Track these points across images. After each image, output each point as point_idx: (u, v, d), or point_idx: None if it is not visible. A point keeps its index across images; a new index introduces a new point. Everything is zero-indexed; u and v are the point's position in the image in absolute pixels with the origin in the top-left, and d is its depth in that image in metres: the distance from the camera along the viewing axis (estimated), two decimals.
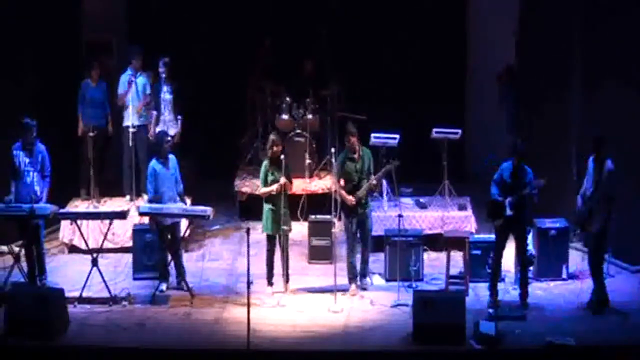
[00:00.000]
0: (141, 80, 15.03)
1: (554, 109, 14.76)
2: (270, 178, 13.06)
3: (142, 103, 15.01)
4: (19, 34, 14.72)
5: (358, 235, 13.26)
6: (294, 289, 13.22)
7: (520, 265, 12.85)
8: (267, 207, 13.12)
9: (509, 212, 12.56)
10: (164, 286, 13.25)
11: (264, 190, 13.16)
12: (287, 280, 13.20)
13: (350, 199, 12.99)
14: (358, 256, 13.35)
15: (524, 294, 12.77)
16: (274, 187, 12.97)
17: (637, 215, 13.61)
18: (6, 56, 14.53)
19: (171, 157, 13.33)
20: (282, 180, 12.93)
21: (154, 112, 15.05)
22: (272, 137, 13.18)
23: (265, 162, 13.19)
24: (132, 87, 14.95)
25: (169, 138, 14.72)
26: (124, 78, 15.02)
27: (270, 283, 13.21)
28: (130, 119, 14.96)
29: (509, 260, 13.21)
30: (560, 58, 14.63)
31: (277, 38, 16.71)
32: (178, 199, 13.32)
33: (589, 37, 14.18)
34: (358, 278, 13.32)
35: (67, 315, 12.27)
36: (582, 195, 12.64)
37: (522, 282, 12.80)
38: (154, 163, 13.18)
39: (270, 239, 13.16)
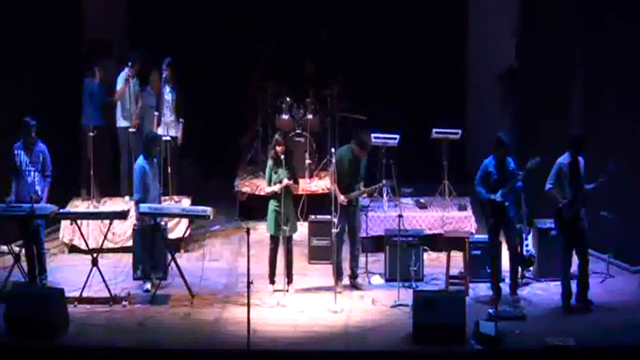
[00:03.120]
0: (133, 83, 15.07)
1: (554, 109, 14.75)
2: (274, 177, 13.06)
3: (137, 107, 15.04)
4: (20, 34, 14.73)
5: (347, 235, 13.28)
6: (296, 289, 13.24)
7: (511, 258, 12.86)
8: (271, 207, 13.12)
9: (499, 198, 12.57)
10: (148, 285, 13.24)
11: (267, 190, 13.17)
12: (289, 282, 13.20)
13: (343, 198, 13.02)
14: (346, 256, 13.39)
15: (513, 285, 12.81)
16: (276, 187, 12.98)
17: (637, 216, 13.62)
18: (7, 56, 14.54)
19: None
20: (285, 181, 12.94)
21: (155, 113, 15.04)
22: (275, 136, 13.23)
23: (269, 162, 13.21)
24: (128, 88, 14.94)
25: (169, 138, 14.83)
26: (122, 75, 15.02)
27: (272, 281, 13.22)
28: (129, 121, 14.99)
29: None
30: (561, 58, 14.63)
31: (278, 39, 16.72)
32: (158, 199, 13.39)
33: (590, 36, 14.18)
34: (345, 277, 13.36)
35: (67, 315, 12.27)
36: (570, 202, 12.56)
37: (512, 274, 12.84)
38: (142, 162, 13.10)
39: (274, 239, 13.17)
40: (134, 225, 13.83)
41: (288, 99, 16.29)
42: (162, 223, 13.57)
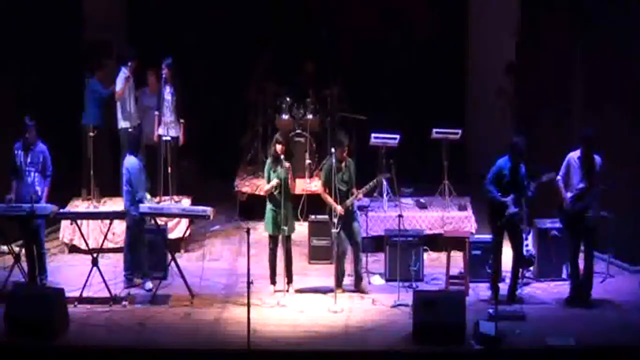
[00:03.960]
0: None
1: (554, 110, 14.76)
2: (272, 176, 13.06)
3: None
4: (20, 34, 14.73)
5: (347, 239, 13.23)
6: (296, 288, 13.22)
7: (515, 261, 12.87)
8: (268, 207, 13.12)
9: (513, 209, 12.60)
10: (149, 284, 13.25)
11: (266, 187, 13.16)
12: (289, 282, 13.19)
13: (340, 209, 12.98)
14: (346, 259, 13.35)
15: (512, 286, 12.82)
16: (273, 182, 12.92)
17: (637, 216, 13.62)
18: (7, 56, 14.54)
19: None
20: (275, 181, 12.90)
21: (156, 113, 15.04)
22: (276, 135, 13.24)
23: (268, 160, 13.20)
24: (128, 87, 14.92)
25: (169, 139, 14.82)
26: (121, 75, 14.99)
27: (273, 282, 13.22)
28: (130, 121, 15.00)
29: (510, 260, 13.19)
30: (561, 58, 14.63)
31: (278, 39, 16.73)
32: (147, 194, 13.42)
33: (590, 36, 14.18)
34: (346, 277, 13.33)
35: (67, 315, 12.27)
36: (573, 194, 12.64)
37: (512, 275, 12.85)
38: (136, 160, 13.11)
39: (272, 239, 13.17)
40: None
41: (288, 99, 16.29)
42: (162, 223, 13.58)
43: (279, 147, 13.01)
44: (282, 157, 12.95)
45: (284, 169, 12.97)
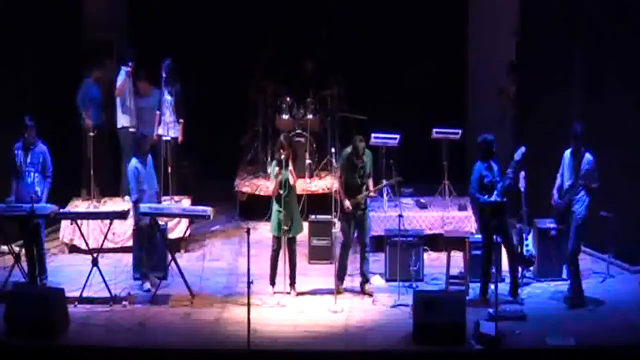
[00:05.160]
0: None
1: (554, 110, 14.75)
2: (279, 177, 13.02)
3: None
4: (20, 34, 14.73)
5: (356, 236, 13.23)
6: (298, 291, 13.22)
7: (510, 257, 12.89)
8: (274, 208, 13.09)
9: (499, 198, 12.61)
10: (148, 285, 13.24)
11: (272, 188, 13.11)
12: (292, 283, 13.15)
13: (347, 205, 12.97)
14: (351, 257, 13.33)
15: (513, 284, 12.81)
16: (276, 180, 12.89)
17: (637, 216, 13.62)
18: (6, 56, 14.55)
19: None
20: (277, 170, 12.85)
21: (157, 112, 15.04)
22: (281, 139, 13.11)
23: (273, 163, 13.12)
24: (128, 85, 14.92)
25: (169, 139, 14.84)
26: (122, 73, 14.97)
27: (272, 283, 13.19)
28: (129, 116, 15.00)
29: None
30: (561, 58, 14.62)
31: (278, 38, 16.74)
32: (156, 197, 13.40)
33: (590, 36, 14.18)
34: (351, 280, 13.30)
35: (67, 315, 12.28)
36: (558, 189, 12.72)
37: (511, 272, 12.86)
38: (135, 162, 13.12)
39: (276, 240, 13.12)
40: (133, 226, 13.83)
41: (288, 99, 16.29)
42: (162, 223, 13.59)
43: (283, 151, 12.91)
44: (289, 160, 12.89)
45: (288, 171, 12.92)
